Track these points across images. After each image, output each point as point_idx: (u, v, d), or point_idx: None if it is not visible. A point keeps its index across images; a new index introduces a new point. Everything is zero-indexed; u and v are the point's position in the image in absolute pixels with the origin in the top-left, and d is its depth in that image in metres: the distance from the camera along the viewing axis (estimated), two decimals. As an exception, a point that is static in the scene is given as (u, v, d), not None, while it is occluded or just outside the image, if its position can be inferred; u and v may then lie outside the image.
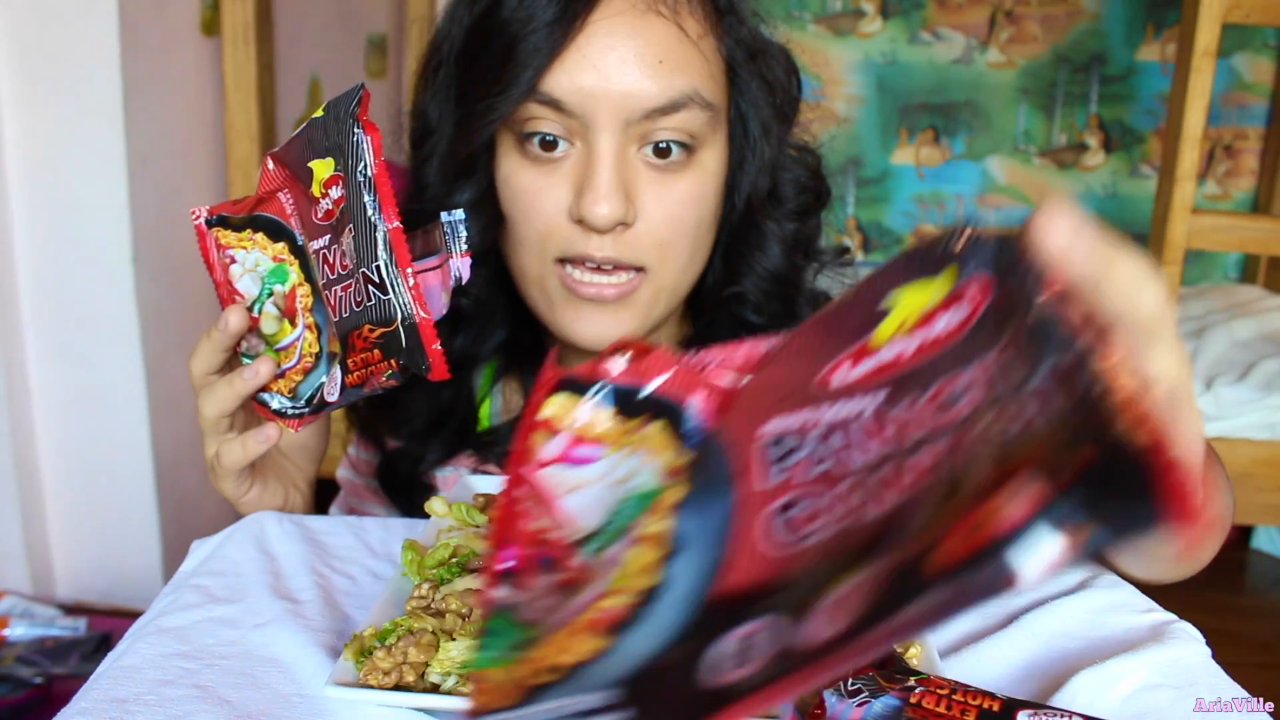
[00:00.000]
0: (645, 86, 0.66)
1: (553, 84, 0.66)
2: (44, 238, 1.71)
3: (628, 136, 0.67)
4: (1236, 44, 3.01)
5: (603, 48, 0.66)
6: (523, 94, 0.67)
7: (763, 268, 0.77)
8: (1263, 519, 2.07)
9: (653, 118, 0.67)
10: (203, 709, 0.49)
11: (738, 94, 0.73)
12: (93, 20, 1.64)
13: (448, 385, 0.82)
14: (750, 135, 0.73)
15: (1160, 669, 0.53)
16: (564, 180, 0.69)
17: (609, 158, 0.67)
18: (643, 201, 0.69)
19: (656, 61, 0.66)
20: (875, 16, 3.13)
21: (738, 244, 0.77)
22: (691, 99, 0.67)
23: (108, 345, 1.77)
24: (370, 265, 0.58)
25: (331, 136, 0.60)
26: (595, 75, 0.66)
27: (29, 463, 1.78)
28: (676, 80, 0.67)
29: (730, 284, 0.78)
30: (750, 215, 0.76)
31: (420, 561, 0.56)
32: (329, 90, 2.48)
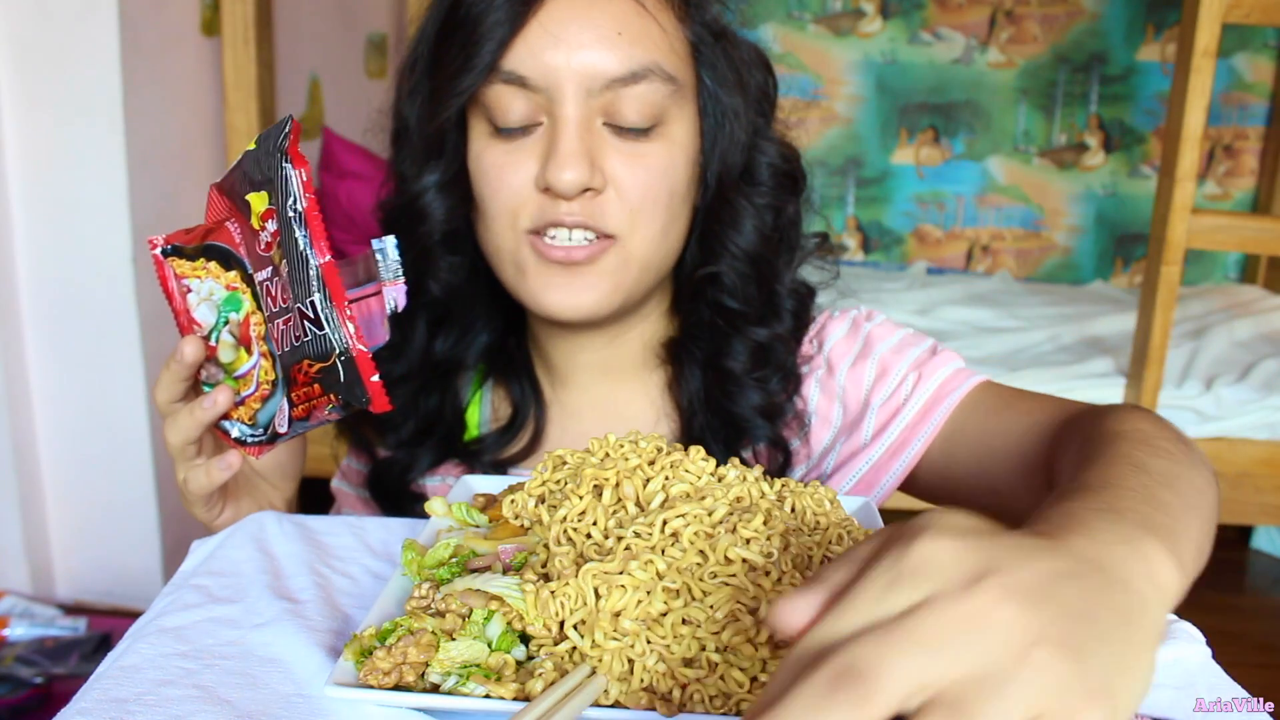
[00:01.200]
0: (605, 57, 0.68)
1: (515, 60, 0.69)
2: (44, 238, 1.72)
3: (591, 108, 0.69)
4: (1236, 44, 3.01)
5: (562, 21, 0.68)
6: (485, 68, 0.69)
7: (736, 246, 0.77)
8: (1263, 519, 2.07)
9: (614, 88, 0.69)
10: (203, 709, 0.49)
11: (705, 72, 0.74)
12: (93, 20, 1.64)
13: (434, 392, 0.82)
14: (720, 113, 0.74)
15: (1160, 669, 0.53)
16: (531, 153, 0.70)
17: (573, 125, 0.69)
18: (611, 168, 0.70)
19: (615, 33, 0.68)
20: (875, 16, 3.13)
21: (711, 222, 0.77)
22: (651, 70, 0.69)
23: (108, 345, 1.77)
24: (305, 300, 0.58)
25: (264, 170, 0.60)
26: (556, 49, 0.68)
27: (29, 463, 1.78)
28: (636, 51, 0.69)
29: (705, 266, 0.78)
30: (722, 192, 0.76)
31: (420, 561, 0.56)
32: (329, 90, 2.48)
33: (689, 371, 0.81)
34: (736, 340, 0.79)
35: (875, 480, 0.79)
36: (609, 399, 0.83)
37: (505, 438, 0.82)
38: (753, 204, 0.77)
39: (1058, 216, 3.22)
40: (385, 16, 2.85)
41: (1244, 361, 2.14)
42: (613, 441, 0.59)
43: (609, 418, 0.83)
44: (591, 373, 0.83)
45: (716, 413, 0.80)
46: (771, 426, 0.80)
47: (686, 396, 0.81)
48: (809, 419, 0.82)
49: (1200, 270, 3.15)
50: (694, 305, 0.80)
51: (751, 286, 0.78)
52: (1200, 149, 1.78)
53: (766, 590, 0.48)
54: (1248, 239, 1.89)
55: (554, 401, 0.84)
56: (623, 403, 0.83)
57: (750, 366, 0.79)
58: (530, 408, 0.83)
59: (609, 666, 0.46)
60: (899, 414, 0.79)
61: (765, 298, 0.79)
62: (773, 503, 0.55)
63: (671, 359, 0.83)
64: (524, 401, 0.83)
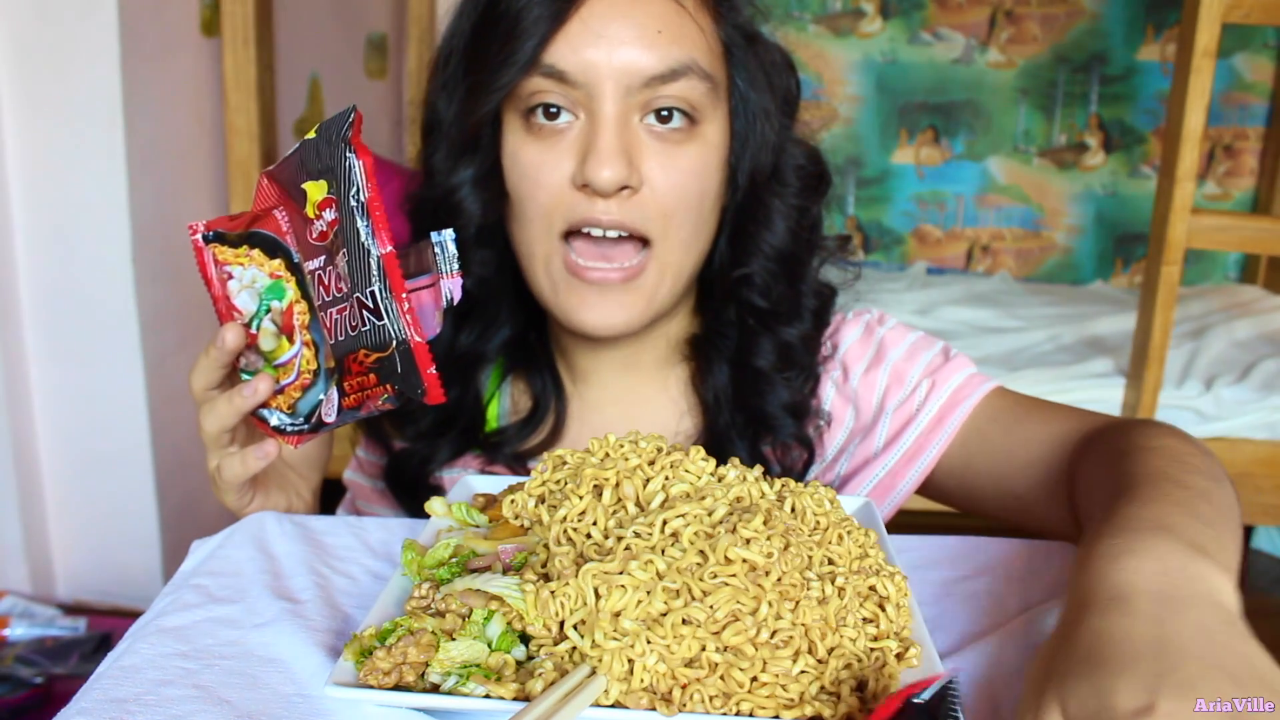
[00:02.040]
0: (645, 55, 0.69)
1: (556, 55, 0.69)
2: (44, 238, 1.71)
3: (629, 105, 0.70)
4: (1236, 44, 3.01)
5: (603, 19, 0.68)
6: (527, 63, 0.69)
7: (769, 245, 0.78)
8: (1263, 519, 2.07)
9: (653, 85, 0.69)
10: (203, 709, 0.49)
11: (736, 73, 0.74)
12: (93, 20, 1.64)
13: (454, 384, 0.82)
14: (751, 114, 0.75)
15: (1160, 669, 0.53)
16: (569, 151, 0.71)
17: (612, 123, 0.69)
18: (647, 168, 0.70)
19: (655, 32, 0.69)
20: (875, 16, 3.13)
21: (743, 222, 0.78)
22: (690, 68, 0.70)
23: (108, 345, 1.77)
24: (365, 290, 0.58)
25: (324, 159, 0.60)
26: (596, 45, 0.68)
27: (29, 463, 1.78)
28: (675, 50, 0.69)
29: (735, 267, 0.79)
30: (755, 192, 0.77)
31: (420, 561, 0.56)
32: (329, 90, 2.48)
33: (715, 368, 0.81)
34: (765, 339, 0.80)
35: (892, 485, 0.81)
36: (630, 394, 0.84)
37: (526, 430, 0.82)
38: (784, 203, 0.78)
39: (1058, 216, 3.22)
40: (385, 16, 2.85)
41: (1244, 361, 2.14)
42: (613, 441, 0.59)
43: (630, 412, 0.83)
44: (613, 369, 0.83)
45: (744, 409, 0.80)
46: (798, 424, 0.81)
47: (711, 392, 0.81)
48: (826, 418, 0.83)
49: (1200, 270, 3.15)
50: (723, 304, 0.81)
51: (781, 285, 0.79)
52: (1200, 149, 1.78)
53: (766, 590, 0.48)
54: (1248, 239, 1.89)
55: (574, 396, 0.84)
56: (644, 399, 0.84)
57: (778, 365, 0.80)
58: (551, 400, 0.83)
59: (609, 666, 0.46)
60: (913, 421, 0.80)
61: (792, 297, 0.80)
62: (773, 503, 0.55)
63: (695, 355, 0.83)
64: (545, 394, 0.83)
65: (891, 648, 0.50)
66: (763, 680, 0.46)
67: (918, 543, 0.70)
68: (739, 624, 0.47)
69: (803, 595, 0.49)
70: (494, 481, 0.69)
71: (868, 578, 0.53)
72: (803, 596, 0.49)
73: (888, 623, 0.51)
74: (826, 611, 0.49)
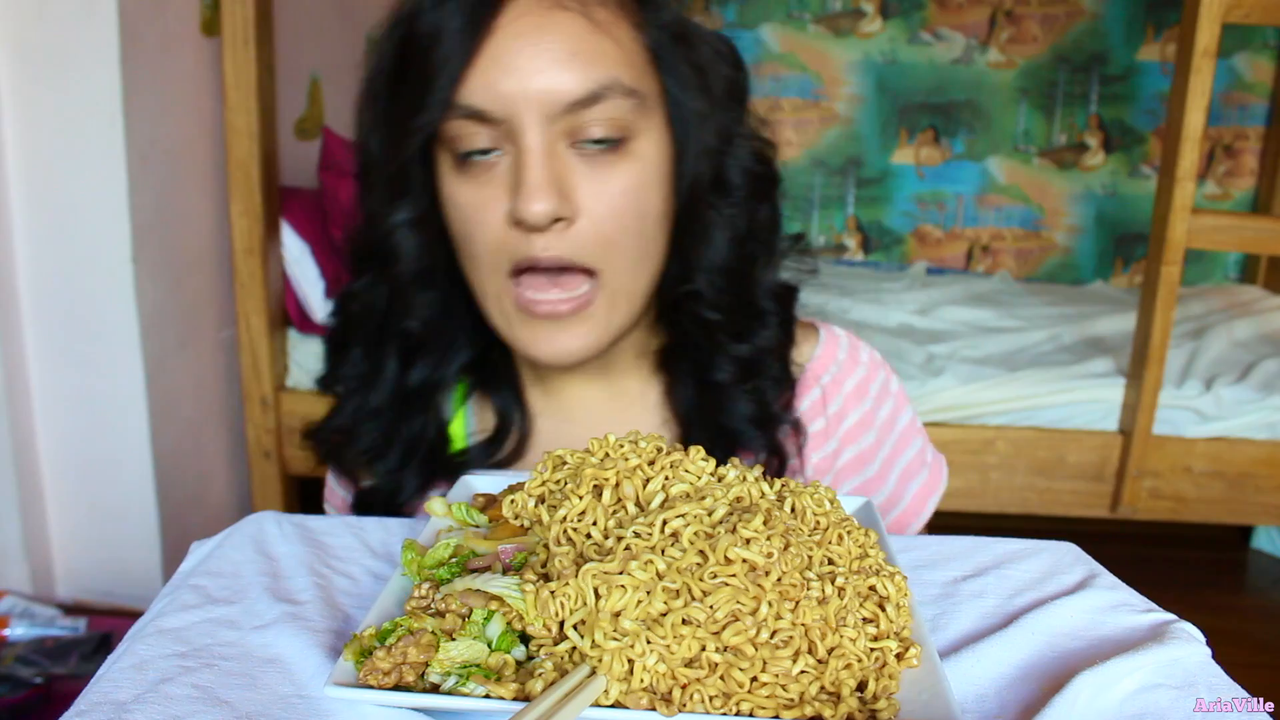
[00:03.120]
0: (561, 80, 0.66)
1: (470, 94, 0.66)
2: (44, 238, 1.71)
3: (553, 133, 0.67)
4: (1236, 44, 3.01)
5: (513, 50, 0.66)
6: (442, 103, 0.67)
7: (708, 261, 0.75)
8: (1263, 519, 2.07)
9: (575, 110, 0.67)
10: (202, 710, 0.49)
11: (667, 79, 0.71)
12: (93, 20, 1.64)
13: (416, 415, 0.80)
14: (687, 120, 0.72)
15: (1160, 669, 0.53)
16: (501, 187, 0.68)
17: (537, 154, 0.66)
18: (580, 197, 0.68)
19: (569, 55, 0.66)
20: (875, 16, 3.13)
21: (681, 236, 0.75)
22: (610, 88, 0.67)
23: (108, 345, 1.77)
24: None
25: None
26: (509, 77, 0.66)
27: (29, 463, 1.78)
28: (592, 71, 0.66)
29: (683, 281, 0.76)
30: (692, 205, 0.74)
31: (420, 561, 0.56)
32: (329, 90, 2.48)
33: (681, 383, 0.80)
34: (721, 353, 0.78)
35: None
36: (606, 401, 0.83)
37: (491, 448, 0.80)
38: (722, 214, 0.75)
39: (1058, 216, 3.22)
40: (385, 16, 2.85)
41: (1244, 361, 2.14)
42: (612, 442, 0.59)
43: (603, 421, 0.82)
44: (584, 377, 0.81)
45: (708, 425, 0.79)
46: (765, 434, 0.79)
47: (683, 406, 0.80)
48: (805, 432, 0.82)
49: (1200, 270, 3.15)
50: (676, 319, 0.79)
51: (728, 298, 0.77)
52: (1200, 149, 1.78)
53: (766, 590, 0.48)
54: (1248, 239, 1.89)
55: (545, 409, 0.83)
56: (620, 406, 0.83)
57: (739, 377, 0.78)
58: (515, 415, 0.81)
59: (609, 666, 0.46)
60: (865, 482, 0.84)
61: (744, 307, 0.78)
62: (773, 503, 0.55)
63: (665, 368, 0.82)
64: (508, 411, 0.81)
65: (892, 648, 0.50)
66: (763, 680, 0.46)
67: (918, 543, 0.70)
68: (739, 624, 0.47)
69: (803, 595, 0.49)
70: (494, 481, 0.69)
71: (868, 578, 0.53)
72: (803, 596, 0.49)
73: (888, 623, 0.51)
74: (826, 611, 0.49)
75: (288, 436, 2.03)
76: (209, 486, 2.05)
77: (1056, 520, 2.06)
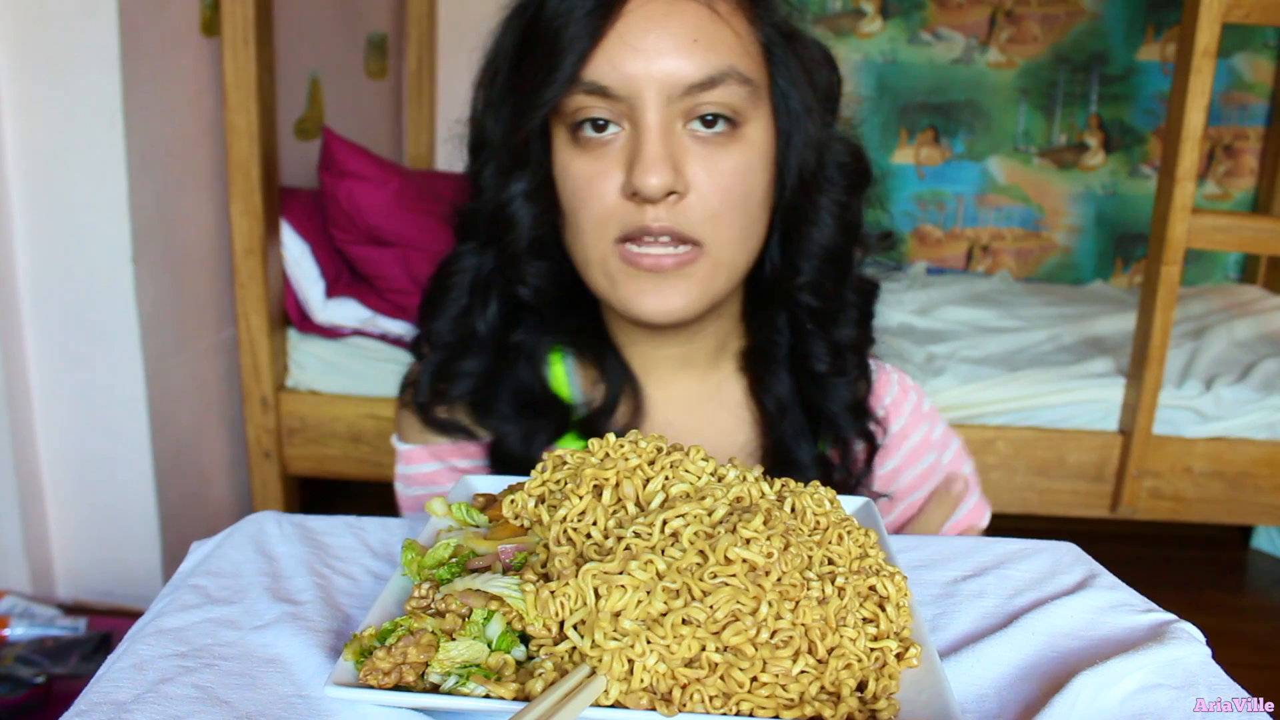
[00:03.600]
0: (683, 64, 0.70)
1: (596, 71, 0.70)
2: (44, 238, 1.71)
3: (671, 112, 0.71)
4: (1236, 44, 3.01)
5: (639, 31, 0.70)
6: (567, 80, 0.70)
7: (818, 244, 0.79)
8: (1263, 519, 2.07)
9: (693, 93, 0.70)
10: (202, 710, 0.49)
11: (777, 73, 0.76)
12: (93, 20, 1.64)
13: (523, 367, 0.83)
14: (793, 112, 0.76)
15: (1160, 669, 0.53)
16: (616, 162, 0.72)
17: (655, 131, 0.70)
18: (692, 173, 0.72)
19: (691, 40, 0.70)
20: (875, 16, 3.13)
21: (793, 222, 0.79)
22: (728, 74, 0.71)
23: (108, 345, 1.77)
24: None
25: None
26: (635, 58, 0.70)
27: (29, 463, 1.78)
28: (712, 57, 0.70)
29: (786, 267, 0.80)
30: (803, 190, 0.78)
31: (420, 561, 0.56)
32: (329, 90, 2.48)
33: (774, 376, 0.83)
34: (820, 341, 0.82)
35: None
36: (686, 394, 0.86)
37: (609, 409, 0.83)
38: (831, 200, 0.79)
39: (1058, 216, 3.22)
40: (385, 16, 2.85)
41: (1244, 361, 2.14)
42: (612, 441, 0.59)
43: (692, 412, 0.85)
44: (670, 367, 0.85)
45: (808, 414, 0.83)
46: (859, 421, 0.84)
47: (773, 400, 0.83)
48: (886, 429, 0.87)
49: (1200, 270, 3.15)
50: (774, 310, 0.83)
51: (831, 283, 0.81)
52: (1200, 149, 1.78)
53: (766, 590, 0.48)
54: (1248, 239, 1.89)
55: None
56: (700, 398, 0.86)
57: (835, 367, 0.83)
58: (622, 383, 0.84)
59: (609, 666, 0.46)
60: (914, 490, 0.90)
61: (840, 295, 0.82)
62: (773, 503, 0.55)
63: (750, 367, 0.85)
64: (616, 376, 0.84)
65: (892, 648, 0.50)
66: (763, 680, 0.46)
67: (918, 543, 0.70)
68: (739, 624, 0.47)
69: (803, 595, 0.49)
70: (494, 481, 0.69)
71: (868, 578, 0.53)
72: (803, 596, 0.49)
73: (888, 623, 0.51)
74: (826, 611, 0.49)
75: (288, 436, 2.03)
76: (209, 486, 2.05)
77: (1056, 520, 2.06)
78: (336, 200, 2.03)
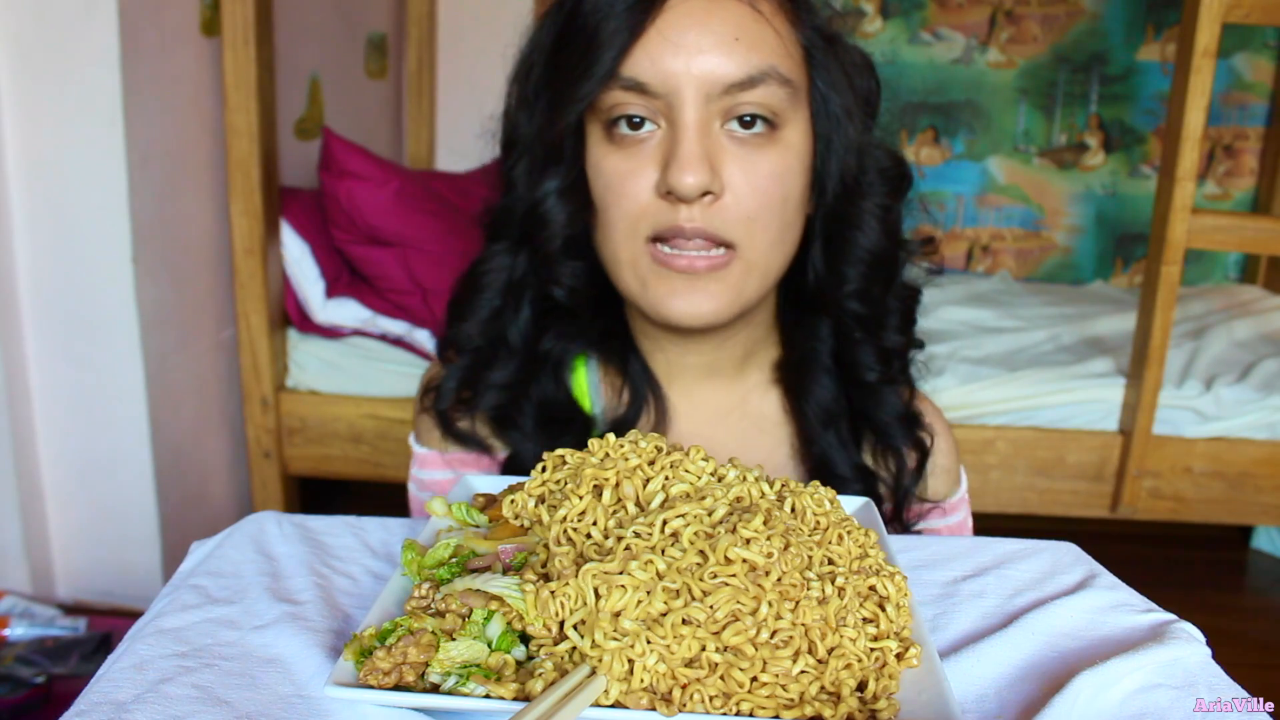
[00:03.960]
0: (723, 63, 0.69)
1: (635, 67, 0.69)
2: (44, 238, 1.71)
3: (710, 112, 0.70)
4: (1236, 44, 3.01)
5: (680, 28, 0.69)
6: (606, 75, 0.69)
7: (863, 249, 0.78)
8: (1263, 519, 2.07)
9: (732, 93, 0.69)
10: (202, 710, 0.49)
11: (817, 75, 0.74)
12: (93, 20, 1.64)
13: (548, 380, 0.82)
14: (833, 116, 0.75)
15: (1160, 669, 0.53)
16: (651, 159, 0.71)
17: (693, 130, 0.69)
18: (729, 174, 0.70)
19: (733, 39, 0.69)
20: (875, 16, 3.13)
21: (837, 226, 0.78)
22: (769, 74, 0.70)
23: (108, 345, 1.77)
24: None
25: None
26: (675, 55, 0.68)
27: (29, 463, 1.78)
28: (753, 57, 0.69)
29: (831, 274, 0.79)
30: (846, 194, 0.77)
31: (420, 561, 0.56)
32: (329, 90, 2.48)
33: (815, 386, 0.82)
34: (867, 348, 0.81)
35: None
36: (711, 404, 0.84)
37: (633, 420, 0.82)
38: (874, 204, 0.78)
39: (1058, 216, 3.22)
40: (385, 16, 2.85)
41: (1244, 361, 2.14)
42: (612, 442, 0.59)
43: (711, 417, 0.83)
44: (694, 376, 0.83)
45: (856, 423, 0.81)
46: (908, 429, 0.82)
47: (815, 408, 0.82)
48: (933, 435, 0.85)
49: (1200, 270, 3.15)
50: (816, 318, 0.81)
51: (878, 288, 0.79)
52: (1200, 149, 1.78)
53: (766, 590, 0.48)
54: (1248, 239, 1.89)
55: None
56: (725, 409, 0.84)
57: (884, 375, 0.81)
58: (647, 391, 0.83)
59: (609, 666, 0.46)
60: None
61: (882, 303, 0.81)
62: (773, 503, 0.55)
63: (786, 378, 0.83)
64: (640, 386, 0.83)
65: (892, 648, 0.50)
66: (763, 680, 0.46)
67: (918, 543, 0.70)
68: (739, 624, 0.47)
69: (803, 595, 0.49)
70: (494, 481, 0.69)
71: (868, 578, 0.53)
72: (803, 596, 0.49)
73: (888, 623, 0.51)
74: (826, 611, 0.49)
75: (288, 436, 2.03)
76: (209, 486, 2.05)
77: (1056, 520, 2.06)
78: (336, 200, 2.03)
